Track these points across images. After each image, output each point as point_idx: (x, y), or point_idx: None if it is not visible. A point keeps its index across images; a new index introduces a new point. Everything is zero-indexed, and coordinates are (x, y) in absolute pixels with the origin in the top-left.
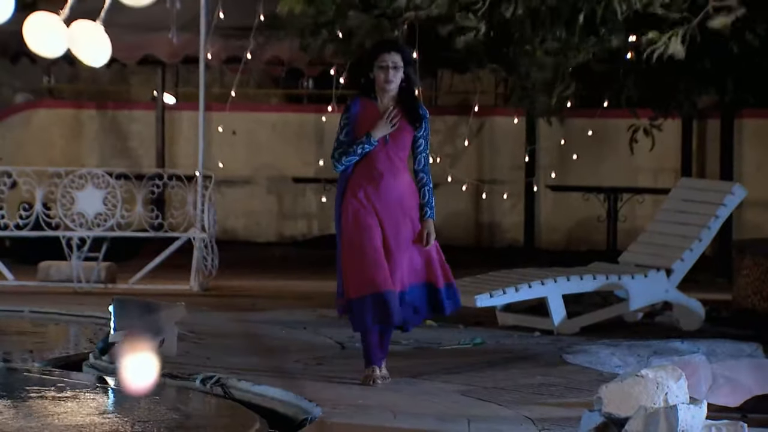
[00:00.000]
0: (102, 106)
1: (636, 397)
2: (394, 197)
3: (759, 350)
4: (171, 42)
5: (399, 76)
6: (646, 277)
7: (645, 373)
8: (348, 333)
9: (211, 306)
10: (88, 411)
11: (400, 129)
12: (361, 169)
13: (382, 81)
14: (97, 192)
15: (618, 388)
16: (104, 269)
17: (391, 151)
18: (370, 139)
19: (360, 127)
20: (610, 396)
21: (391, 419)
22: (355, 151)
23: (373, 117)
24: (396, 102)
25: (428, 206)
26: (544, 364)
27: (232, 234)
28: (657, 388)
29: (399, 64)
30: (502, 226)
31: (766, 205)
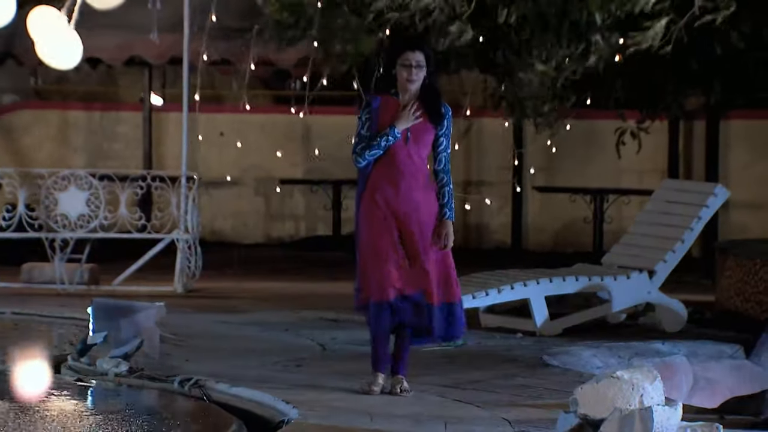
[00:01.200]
0: (89, 107)
1: (611, 399)
2: (415, 197)
3: (740, 352)
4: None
5: (422, 74)
6: (628, 278)
7: (620, 374)
8: (329, 335)
9: (194, 307)
10: (66, 412)
11: (421, 127)
12: (381, 169)
13: (405, 79)
14: (80, 193)
15: (593, 389)
16: (87, 271)
17: (412, 149)
18: (393, 130)
19: (381, 123)
20: (585, 397)
21: (368, 421)
22: (378, 144)
23: (394, 113)
24: (417, 100)
25: (448, 207)
26: (524, 366)
27: (220, 235)
28: (632, 389)
29: (422, 63)
30: (489, 227)
31: (752, 206)
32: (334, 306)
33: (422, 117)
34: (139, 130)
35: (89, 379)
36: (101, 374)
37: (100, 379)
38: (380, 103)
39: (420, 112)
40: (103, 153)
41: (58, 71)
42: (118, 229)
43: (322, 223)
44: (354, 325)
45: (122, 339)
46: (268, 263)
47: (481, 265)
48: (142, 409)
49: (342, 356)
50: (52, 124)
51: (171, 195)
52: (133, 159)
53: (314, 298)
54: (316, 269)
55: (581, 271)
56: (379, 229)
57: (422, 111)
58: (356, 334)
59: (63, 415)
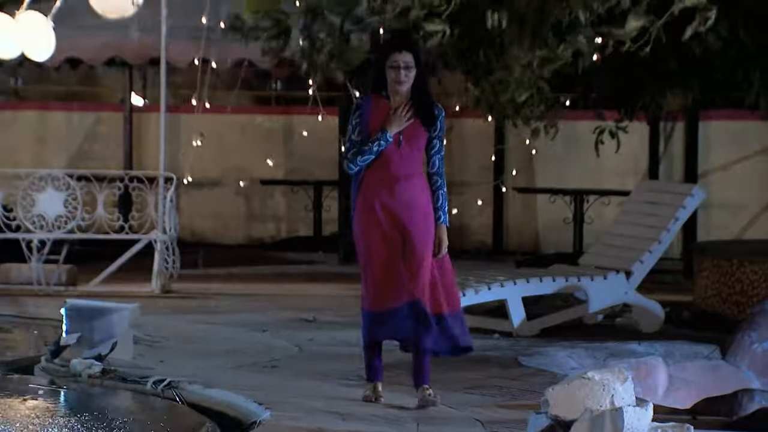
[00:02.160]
0: (68, 107)
1: (582, 400)
2: (411, 200)
3: (716, 352)
4: (136, 43)
5: (412, 75)
6: (605, 279)
7: (591, 375)
8: (306, 336)
9: (171, 308)
10: (38, 413)
11: (413, 130)
12: (375, 173)
13: (393, 81)
14: (58, 194)
15: (564, 390)
16: (65, 272)
17: (404, 152)
18: (386, 134)
19: (372, 126)
20: (556, 398)
21: (340, 422)
22: (370, 150)
23: (385, 115)
24: (409, 101)
25: (442, 211)
26: (500, 367)
27: (200, 236)
28: (603, 390)
29: (411, 64)
30: (470, 228)
31: (733, 207)
32: (312, 307)
33: (414, 121)
34: (119, 131)
35: (62, 380)
36: (74, 375)
37: (73, 380)
38: (370, 106)
39: (411, 114)
40: (83, 154)
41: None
42: (96, 230)
43: (302, 224)
44: (332, 326)
45: (96, 340)
46: (248, 264)
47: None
48: (115, 410)
49: (318, 357)
50: (32, 125)
51: (149, 196)
52: (113, 159)
53: (293, 298)
54: (296, 270)
55: (558, 271)
56: (374, 238)
57: (414, 113)
58: (334, 335)
59: (35, 416)
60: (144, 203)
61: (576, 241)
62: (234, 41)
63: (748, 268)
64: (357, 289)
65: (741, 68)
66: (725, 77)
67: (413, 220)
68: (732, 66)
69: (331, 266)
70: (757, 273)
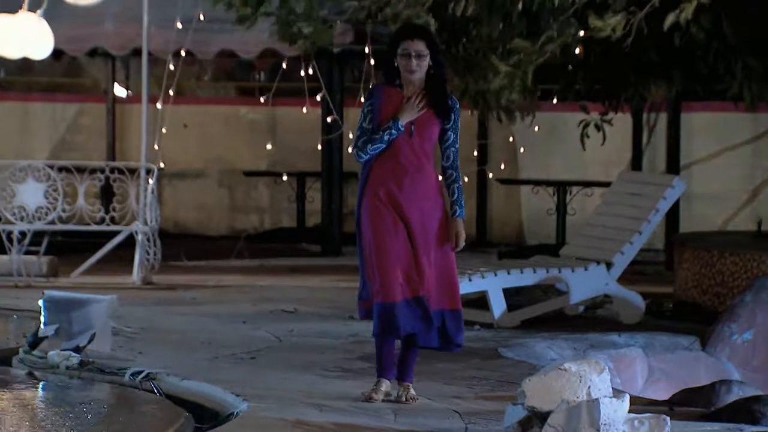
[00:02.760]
0: (51, 98)
1: (559, 391)
2: (420, 193)
3: (696, 343)
4: (119, 34)
5: (424, 64)
6: (586, 270)
7: (568, 366)
8: (287, 327)
9: (152, 299)
10: (15, 404)
11: (426, 120)
12: (383, 164)
13: (405, 69)
14: (38, 185)
15: (541, 381)
16: (46, 263)
17: (415, 143)
18: (397, 123)
19: (384, 116)
20: (533, 389)
21: (317, 413)
22: (381, 138)
23: (397, 105)
24: (422, 91)
25: (458, 204)
26: (479, 358)
27: (184, 227)
28: (580, 381)
29: (423, 52)
30: None
31: (716, 198)
32: (292, 298)
33: (427, 111)
34: (103, 122)
35: (40, 371)
36: (52, 367)
37: (50, 371)
38: (383, 94)
39: (424, 104)
40: (66, 145)
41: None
42: (78, 222)
43: (286, 215)
44: (312, 318)
45: (74, 332)
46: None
47: None
48: (92, 402)
49: (297, 348)
50: (15, 115)
51: (130, 187)
52: (96, 151)
53: (275, 290)
54: (279, 261)
55: (539, 263)
56: (384, 228)
57: (427, 103)
58: (314, 326)
59: (13, 407)
60: (125, 194)
61: (559, 232)
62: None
63: (729, 259)
64: (339, 280)
65: (724, 60)
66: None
67: (421, 213)
68: (715, 58)
69: (313, 258)
70: (737, 264)
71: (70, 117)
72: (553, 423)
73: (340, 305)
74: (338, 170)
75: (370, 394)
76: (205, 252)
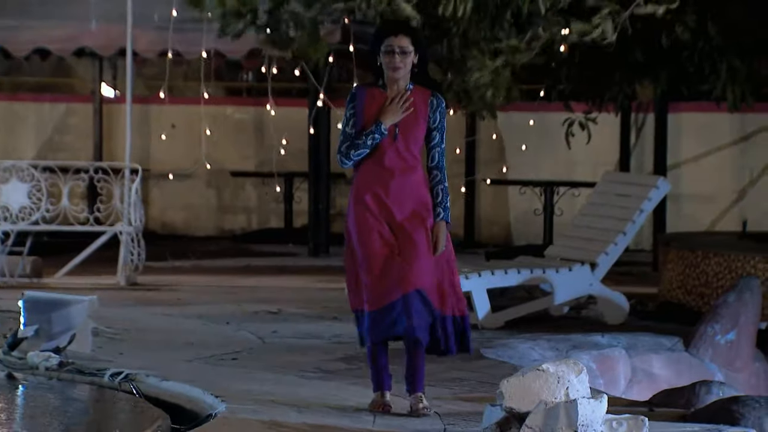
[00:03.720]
0: (39, 98)
1: (537, 392)
2: (407, 197)
3: (679, 344)
4: (105, 34)
5: (408, 61)
6: (570, 270)
7: (546, 367)
8: (270, 328)
9: (136, 300)
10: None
11: (411, 121)
12: (368, 168)
13: (388, 67)
14: (22, 185)
15: (519, 382)
16: (30, 263)
17: (401, 146)
18: (380, 127)
19: (368, 118)
20: (511, 390)
21: (296, 415)
22: (364, 143)
23: (381, 106)
24: (406, 91)
25: (442, 207)
26: (461, 359)
27: (171, 228)
28: (558, 382)
29: (408, 49)
30: None
31: (704, 198)
32: (277, 299)
33: (412, 109)
34: (90, 122)
35: (19, 372)
36: (32, 368)
37: (30, 372)
38: (365, 96)
39: (409, 104)
40: (53, 145)
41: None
42: (62, 222)
43: (274, 215)
44: (296, 319)
45: (54, 332)
46: (218, 256)
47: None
48: (71, 403)
49: (280, 349)
50: (1, 115)
51: (114, 188)
52: (83, 151)
53: (260, 290)
54: (265, 262)
55: (523, 263)
56: (369, 234)
57: (412, 103)
58: (298, 327)
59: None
60: (110, 195)
61: (546, 232)
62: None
63: (713, 259)
64: (325, 280)
65: (709, 60)
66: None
67: (407, 216)
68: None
69: (300, 258)
70: (721, 264)
71: (58, 117)
72: (531, 424)
73: (324, 306)
74: (325, 171)
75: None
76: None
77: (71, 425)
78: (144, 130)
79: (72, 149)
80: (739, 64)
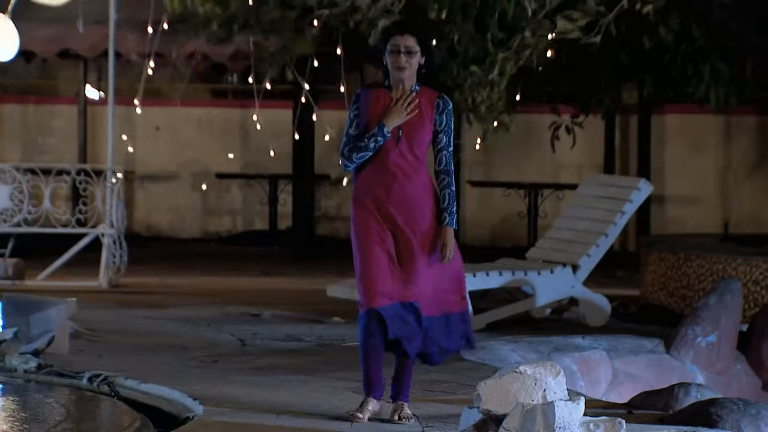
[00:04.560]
0: (23, 100)
1: (514, 394)
2: (409, 200)
3: (660, 346)
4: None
5: (414, 62)
6: (552, 272)
7: (523, 369)
8: (251, 330)
9: (118, 302)
10: None
11: (416, 123)
12: (370, 172)
13: (393, 67)
14: (4, 187)
15: (496, 384)
16: (12, 265)
17: (404, 148)
18: (383, 129)
19: (372, 121)
20: (488, 392)
21: (273, 418)
22: (366, 146)
23: (385, 107)
24: (412, 92)
25: (448, 212)
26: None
27: (156, 230)
28: (535, 384)
29: (414, 49)
30: None
31: (689, 201)
32: (260, 301)
33: (419, 113)
34: (74, 124)
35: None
36: (10, 370)
37: (8, 375)
38: (370, 97)
39: (414, 106)
40: (38, 147)
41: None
42: (44, 224)
43: (258, 218)
44: (277, 321)
45: (33, 335)
46: (202, 258)
47: None
48: (47, 406)
49: (260, 352)
50: None
51: (96, 190)
52: (68, 153)
53: (242, 293)
54: (249, 264)
55: (505, 265)
56: (368, 236)
57: (417, 104)
58: (278, 329)
59: None
60: (93, 197)
61: (530, 235)
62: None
63: (695, 262)
64: (308, 283)
65: (692, 63)
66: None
67: (410, 222)
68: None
69: (284, 261)
70: (702, 267)
71: (41, 119)
72: (508, 426)
73: (307, 308)
74: (310, 173)
75: (354, 413)
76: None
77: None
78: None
79: (56, 151)
80: (722, 66)
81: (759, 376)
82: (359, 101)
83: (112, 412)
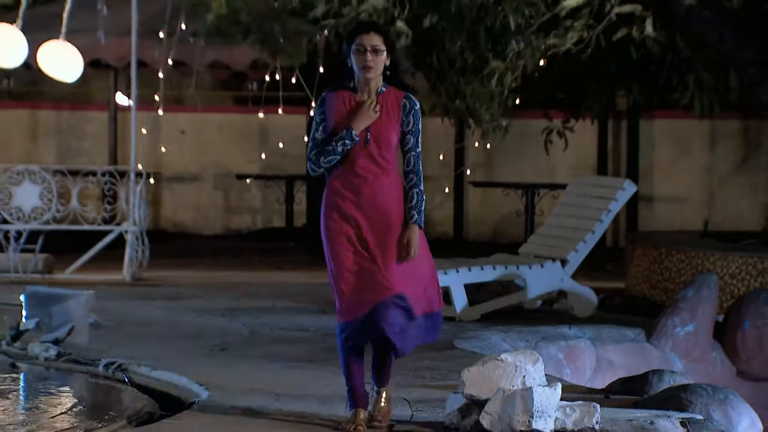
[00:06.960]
0: (58, 107)
1: (495, 380)
2: (380, 203)
3: (641, 335)
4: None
5: (380, 61)
6: (542, 267)
7: (504, 357)
8: (262, 320)
9: (139, 295)
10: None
11: (383, 124)
12: (340, 176)
13: (359, 66)
14: (34, 187)
15: (479, 371)
16: (42, 260)
17: (373, 151)
18: (350, 133)
19: (339, 124)
20: (471, 379)
21: (273, 402)
22: (334, 150)
23: (351, 110)
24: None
25: (415, 210)
26: (434, 349)
27: (182, 227)
28: (515, 371)
29: (380, 48)
30: (433, 219)
31: (678, 201)
32: (274, 293)
33: (385, 115)
34: (105, 129)
35: (21, 362)
36: (31, 358)
37: (30, 362)
38: (334, 99)
39: (380, 107)
40: (72, 150)
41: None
42: (73, 222)
43: (276, 215)
44: (288, 312)
45: (54, 325)
46: (223, 253)
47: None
48: (65, 390)
49: (268, 340)
50: (23, 123)
51: (120, 189)
52: (100, 156)
53: (258, 286)
54: (267, 259)
55: (499, 260)
56: (338, 243)
57: (383, 105)
58: (289, 320)
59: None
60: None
61: (527, 231)
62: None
63: (675, 256)
64: (318, 276)
65: (677, 72)
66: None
67: (381, 224)
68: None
69: (299, 256)
70: (683, 261)
71: (75, 124)
72: (490, 410)
73: (314, 300)
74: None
75: (347, 428)
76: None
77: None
78: (156, 136)
79: (89, 154)
80: (705, 75)
81: (733, 364)
82: (324, 104)
83: (124, 397)
